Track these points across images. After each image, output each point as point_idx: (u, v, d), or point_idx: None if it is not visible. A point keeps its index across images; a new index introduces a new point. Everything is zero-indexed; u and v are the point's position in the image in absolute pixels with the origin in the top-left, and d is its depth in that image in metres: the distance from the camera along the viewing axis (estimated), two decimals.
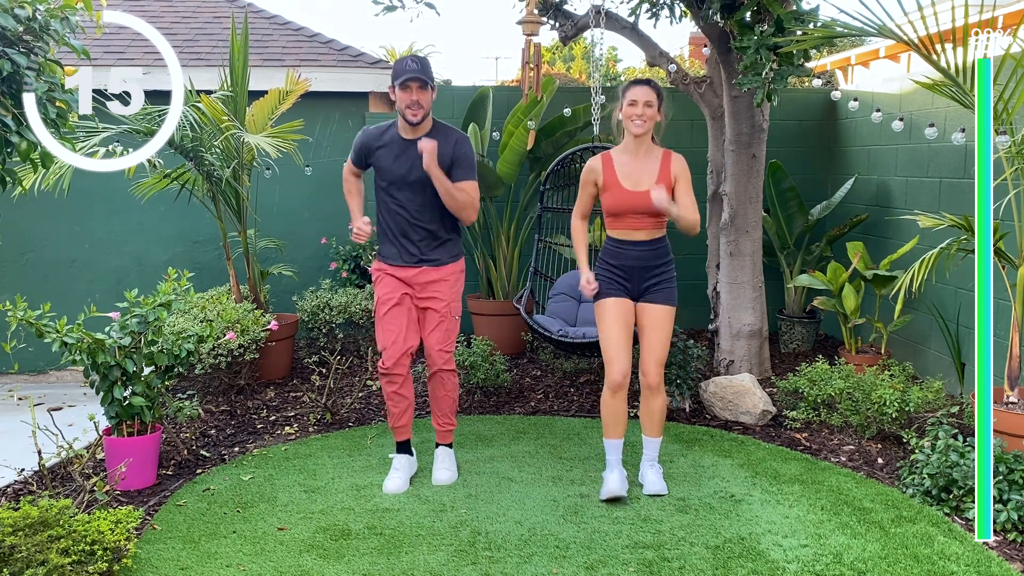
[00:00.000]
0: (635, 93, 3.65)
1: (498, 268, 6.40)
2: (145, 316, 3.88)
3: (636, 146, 3.71)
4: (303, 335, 6.34)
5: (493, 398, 5.23)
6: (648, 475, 3.81)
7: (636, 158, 3.72)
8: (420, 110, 3.74)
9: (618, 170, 3.70)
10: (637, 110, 3.64)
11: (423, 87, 3.72)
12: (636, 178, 3.68)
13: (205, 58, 6.86)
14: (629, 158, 3.72)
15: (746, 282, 5.42)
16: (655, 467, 3.84)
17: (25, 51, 2.84)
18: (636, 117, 3.64)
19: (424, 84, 3.72)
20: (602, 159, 3.76)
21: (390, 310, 3.89)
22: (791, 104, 6.77)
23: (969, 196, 4.78)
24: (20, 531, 2.85)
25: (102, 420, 4.06)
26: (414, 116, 3.75)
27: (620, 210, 3.70)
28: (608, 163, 3.73)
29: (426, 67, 3.76)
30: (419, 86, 3.72)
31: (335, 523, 3.49)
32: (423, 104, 3.74)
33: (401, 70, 3.73)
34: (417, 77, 3.70)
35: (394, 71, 3.77)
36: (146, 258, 6.81)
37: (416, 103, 3.73)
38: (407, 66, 3.73)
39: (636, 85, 3.68)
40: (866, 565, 3.10)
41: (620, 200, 3.69)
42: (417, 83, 3.71)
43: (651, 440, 3.84)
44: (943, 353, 5.19)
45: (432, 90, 3.78)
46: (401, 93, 3.73)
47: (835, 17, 4.18)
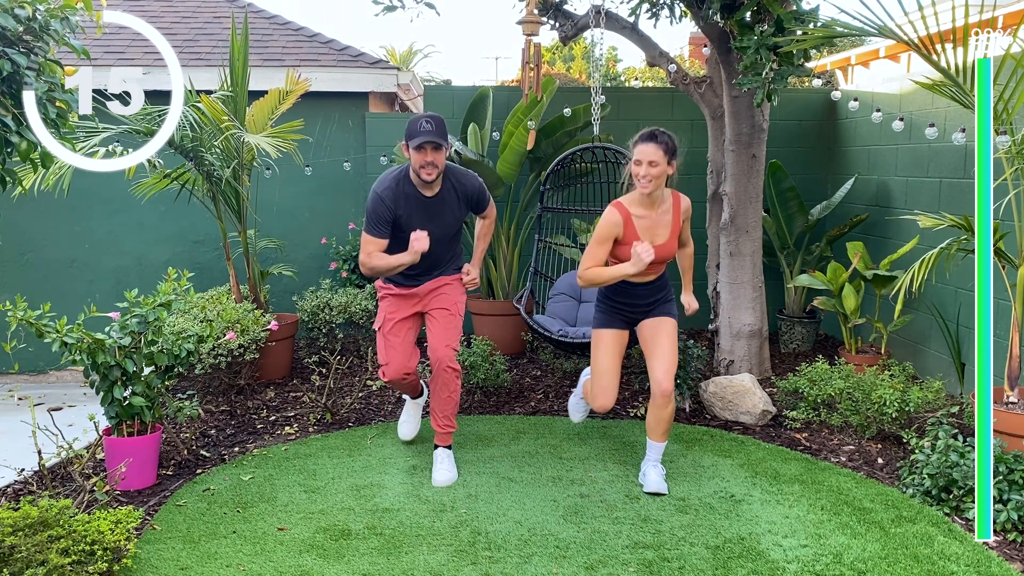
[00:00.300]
0: (641, 152, 3.61)
1: (498, 268, 6.40)
2: (145, 316, 3.88)
3: (650, 201, 3.72)
4: (303, 335, 6.34)
5: (493, 398, 5.22)
6: (650, 474, 3.83)
7: (651, 212, 3.73)
8: (434, 170, 3.77)
9: (637, 225, 3.71)
10: (642, 170, 3.62)
11: (437, 149, 3.73)
12: (653, 233, 3.72)
13: (205, 58, 6.86)
14: (644, 212, 3.72)
15: (746, 282, 5.42)
16: (657, 467, 3.86)
17: (25, 51, 2.84)
18: (642, 177, 3.63)
19: (438, 146, 3.72)
20: (621, 215, 3.69)
21: (395, 326, 4.03)
22: (791, 104, 6.77)
23: (969, 196, 4.78)
24: (20, 531, 2.85)
25: (102, 420, 4.06)
26: (428, 176, 3.77)
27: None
28: (628, 220, 3.70)
29: (441, 128, 3.74)
30: (433, 148, 3.72)
31: (335, 523, 3.49)
32: (437, 164, 3.76)
33: (415, 131, 3.71)
34: (432, 141, 3.70)
35: (408, 130, 3.76)
36: (146, 258, 6.81)
37: (431, 164, 3.75)
38: (421, 127, 3.70)
39: (642, 142, 3.64)
40: (866, 565, 3.10)
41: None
42: (432, 145, 3.72)
43: (656, 444, 3.86)
44: (943, 353, 5.19)
45: (446, 149, 3.79)
46: (415, 154, 3.74)
47: (835, 17, 4.19)
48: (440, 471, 3.95)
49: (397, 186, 3.85)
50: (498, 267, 6.40)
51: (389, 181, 3.86)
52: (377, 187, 3.86)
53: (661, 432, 3.82)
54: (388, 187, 3.84)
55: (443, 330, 3.98)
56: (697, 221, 6.24)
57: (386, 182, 3.86)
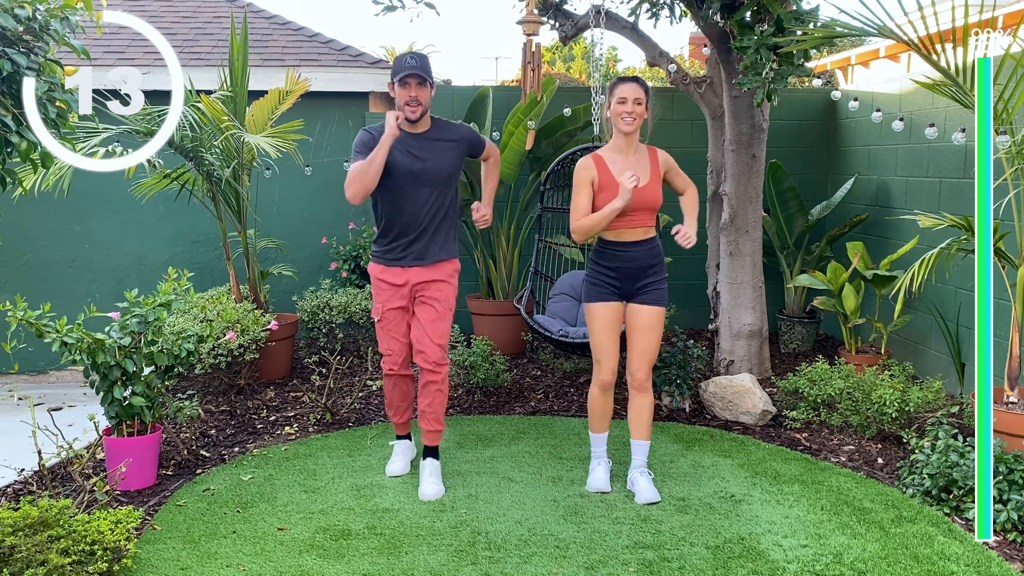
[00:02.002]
0: (624, 90, 3.65)
1: (498, 268, 6.40)
2: (145, 316, 3.88)
3: (627, 144, 3.73)
4: (303, 335, 6.34)
5: (493, 398, 5.22)
6: (639, 483, 3.76)
7: (627, 156, 3.73)
8: (419, 106, 3.77)
9: (612, 167, 3.71)
10: (627, 107, 3.65)
11: (422, 83, 3.76)
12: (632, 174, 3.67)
13: (205, 58, 6.86)
14: (621, 157, 3.74)
15: (746, 282, 5.42)
16: (646, 474, 3.79)
17: (25, 51, 2.84)
18: (626, 115, 3.66)
19: (423, 80, 3.75)
20: (594, 159, 3.74)
21: (392, 317, 3.96)
22: (791, 104, 6.77)
23: (969, 196, 4.78)
24: (20, 531, 2.85)
25: (102, 420, 4.06)
26: (413, 112, 3.77)
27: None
28: (601, 163, 3.73)
29: (425, 64, 3.79)
30: (418, 82, 3.74)
31: (335, 523, 3.49)
32: (422, 100, 3.77)
33: (400, 67, 3.76)
34: (416, 73, 3.72)
35: (393, 67, 3.80)
36: (146, 258, 6.81)
37: (415, 99, 3.75)
38: (406, 63, 3.76)
39: (625, 83, 3.68)
40: (866, 565, 3.10)
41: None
42: (416, 79, 3.73)
43: (640, 444, 3.81)
44: (943, 353, 5.19)
45: (431, 87, 3.80)
46: (400, 89, 3.76)
47: (835, 17, 4.19)
48: (427, 485, 3.82)
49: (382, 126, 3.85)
50: (498, 267, 6.40)
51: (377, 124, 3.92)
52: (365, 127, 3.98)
53: (643, 428, 3.78)
54: (373, 125, 3.93)
55: (430, 327, 3.90)
56: (697, 221, 6.25)
57: (374, 124, 3.97)
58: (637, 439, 3.82)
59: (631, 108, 3.64)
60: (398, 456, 4.11)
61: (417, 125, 3.83)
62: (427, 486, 3.82)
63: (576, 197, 3.74)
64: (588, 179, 3.71)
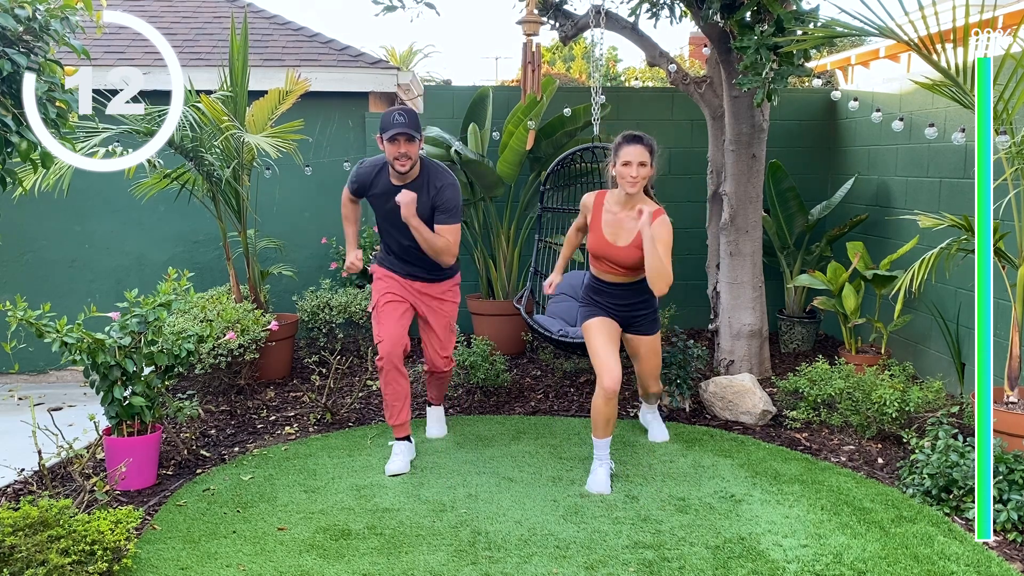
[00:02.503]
0: (628, 153, 3.68)
1: (498, 268, 6.40)
2: (145, 316, 3.88)
3: (627, 200, 3.80)
4: (303, 335, 6.34)
5: (493, 398, 5.22)
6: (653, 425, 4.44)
7: (622, 212, 3.80)
8: (408, 161, 3.91)
9: (604, 217, 3.83)
10: (631, 171, 3.69)
11: (410, 140, 3.87)
12: (617, 232, 3.81)
13: (205, 58, 6.86)
14: (618, 210, 3.82)
15: (746, 282, 5.42)
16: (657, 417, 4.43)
17: (25, 51, 2.84)
18: (630, 178, 3.70)
19: (411, 138, 3.87)
20: (596, 198, 3.89)
21: (389, 303, 4.12)
22: (791, 104, 6.77)
23: (969, 196, 4.78)
24: (20, 531, 2.85)
25: (102, 420, 4.06)
26: (402, 167, 3.93)
27: (596, 254, 3.89)
28: (599, 207, 3.86)
29: (413, 120, 3.90)
30: (406, 139, 3.87)
31: (335, 523, 3.49)
32: (411, 155, 3.91)
33: (388, 123, 3.87)
34: (404, 132, 3.84)
35: (381, 123, 3.92)
36: (146, 258, 6.81)
37: (404, 155, 3.90)
38: (394, 119, 3.86)
39: (629, 144, 3.71)
40: (866, 565, 3.10)
41: (597, 246, 3.86)
42: (404, 136, 3.86)
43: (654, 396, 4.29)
44: (943, 353, 5.19)
45: (419, 141, 3.93)
46: (389, 146, 3.89)
47: (835, 17, 4.19)
48: (433, 425, 4.45)
49: (379, 166, 4.11)
50: (498, 267, 6.40)
51: (376, 159, 4.15)
52: (365, 159, 4.22)
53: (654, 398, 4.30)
54: (373, 161, 4.15)
55: (439, 342, 4.28)
56: (697, 221, 6.25)
57: (373, 159, 4.17)
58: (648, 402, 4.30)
59: (635, 172, 3.68)
60: (398, 455, 4.11)
61: (405, 177, 3.99)
62: (432, 427, 4.32)
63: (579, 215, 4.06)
64: (583, 211, 3.97)
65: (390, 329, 4.04)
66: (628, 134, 3.75)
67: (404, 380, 4.09)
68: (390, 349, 4.01)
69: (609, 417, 3.82)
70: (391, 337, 4.02)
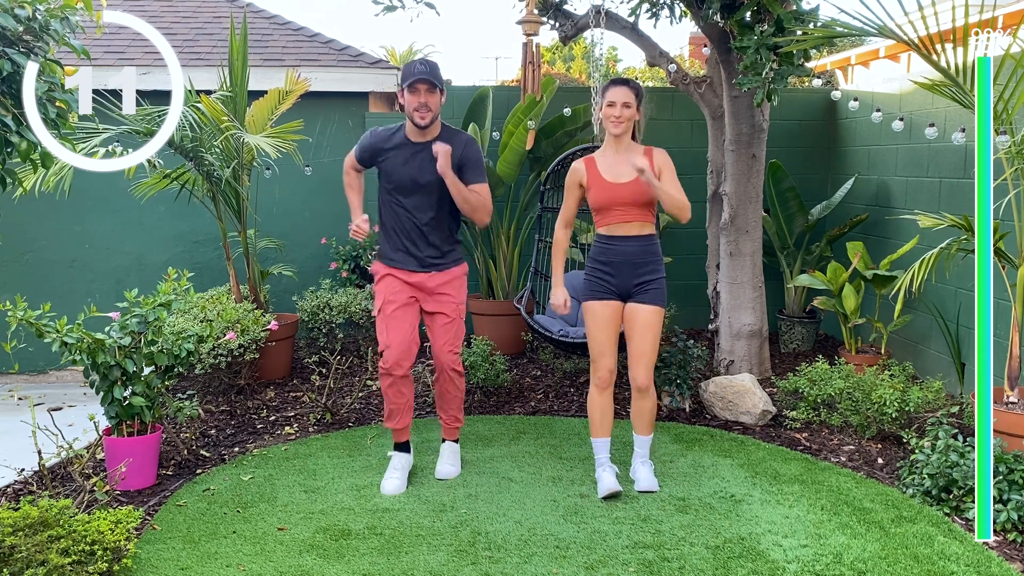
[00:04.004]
0: (613, 94, 3.70)
1: (498, 268, 6.40)
2: (145, 316, 3.88)
3: (616, 144, 3.79)
4: (303, 335, 6.34)
5: (493, 398, 5.22)
6: (640, 472, 3.84)
7: (617, 154, 3.78)
8: (428, 112, 3.74)
9: (600, 166, 3.78)
10: (615, 111, 3.69)
11: (431, 89, 3.73)
12: (617, 171, 3.75)
13: (205, 58, 6.86)
14: (611, 154, 3.79)
15: (746, 282, 5.42)
16: (647, 464, 3.88)
17: (25, 51, 2.84)
18: (614, 118, 3.70)
19: (433, 86, 3.73)
20: (584, 161, 3.84)
21: (396, 309, 3.86)
22: (791, 104, 6.77)
23: (969, 196, 4.78)
24: (20, 531, 2.85)
25: (102, 420, 4.06)
26: (422, 119, 3.75)
27: (605, 203, 3.75)
28: (591, 163, 3.82)
29: (435, 70, 3.77)
30: (427, 88, 3.72)
31: (335, 523, 3.49)
32: (431, 107, 3.75)
33: (409, 72, 3.75)
34: (426, 79, 3.70)
35: (402, 73, 3.79)
36: (146, 258, 6.81)
37: (424, 105, 3.73)
38: (415, 68, 3.74)
39: (614, 85, 3.72)
40: (866, 565, 3.10)
41: (603, 193, 3.74)
42: (426, 85, 3.71)
43: (642, 438, 3.88)
44: (943, 353, 5.19)
45: (441, 93, 3.79)
46: (409, 96, 3.74)
47: (835, 17, 4.19)
48: (444, 465, 4.00)
49: (390, 130, 3.94)
50: (498, 267, 6.40)
51: (389, 126, 3.97)
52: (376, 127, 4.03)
53: (645, 425, 3.84)
54: (383, 128, 3.97)
55: (445, 335, 3.94)
56: (697, 221, 6.24)
57: (385, 126, 3.98)
58: (639, 434, 3.87)
59: (619, 112, 3.69)
60: (395, 471, 3.90)
61: (425, 132, 3.81)
62: (444, 465, 3.99)
63: (564, 200, 3.89)
64: (576, 182, 3.83)
65: (398, 335, 3.81)
66: (614, 78, 3.78)
67: (410, 390, 3.93)
68: (398, 358, 3.81)
69: (605, 412, 3.80)
70: (399, 344, 3.80)
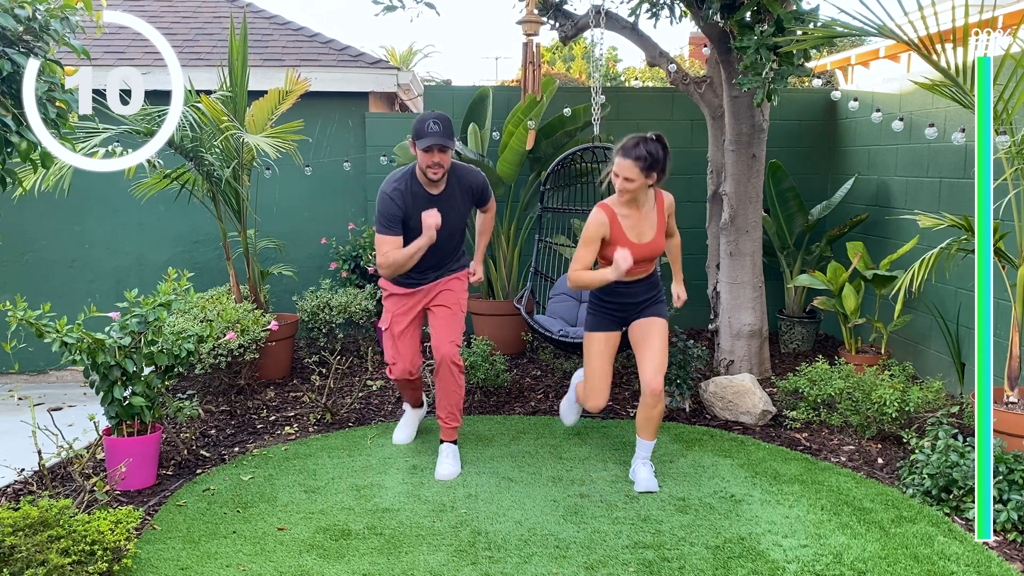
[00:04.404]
0: (617, 166, 3.65)
1: (498, 268, 6.40)
2: (145, 316, 3.88)
3: (633, 202, 3.76)
4: (303, 335, 6.34)
5: (493, 398, 5.22)
6: (640, 472, 3.86)
7: (636, 211, 3.78)
8: (440, 170, 3.86)
9: (623, 224, 3.76)
10: (618, 183, 3.69)
11: (444, 150, 3.82)
12: (639, 230, 3.77)
13: (205, 58, 6.86)
14: (629, 211, 3.77)
15: (746, 282, 5.42)
16: (647, 464, 3.89)
17: (25, 51, 2.84)
18: (617, 187, 3.70)
19: (445, 148, 3.81)
20: (608, 215, 3.74)
21: (403, 330, 4.13)
22: (791, 104, 6.77)
23: (969, 196, 4.78)
24: (20, 531, 2.85)
25: (102, 420, 4.06)
26: (435, 175, 3.87)
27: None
28: (614, 219, 3.75)
29: (447, 127, 3.82)
30: (440, 149, 3.81)
31: (335, 523, 3.49)
32: (444, 165, 3.85)
33: (423, 132, 3.79)
34: (440, 144, 3.78)
35: (415, 130, 3.83)
36: (146, 258, 6.81)
37: (438, 164, 3.83)
38: (429, 128, 3.77)
39: (621, 156, 3.64)
40: (866, 565, 3.10)
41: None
42: (439, 147, 3.80)
43: (646, 443, 3.89)
44: (943, 353, 5.19)
45: (452, 149, 3.88)
46: (423, 155, 3.82)
47: (835, 17, 4.19)
48: (444, 465, 4.03)
49: (404, 185, 3.93)
50: (498, 267, 6.40)
51: (396, 181, 3.95)
52: (385, 187, 3.95)
53: (651, 431, 3.86)
54: (395, 187, 3.93)
55: (446, 326, 4.07)
56: (697, 221, 6.25)
57: (392, 182, 3.95)
58: (644, 439, 3.88)
59: (621, 184, 3.67)
60: (407, 422, 4.31)
61: (437, 185, 3.93)
62: (443, 466, 4.03)
63: (582, 248, 3.78)
64: (599, 236, 3.75)
65: (406, 353, 4.15)
66: (627, 142, 3.64)
67: (418, 388, 4.37)
68: (406, 368, 4.17)
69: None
70: (405, 359, 4.15)
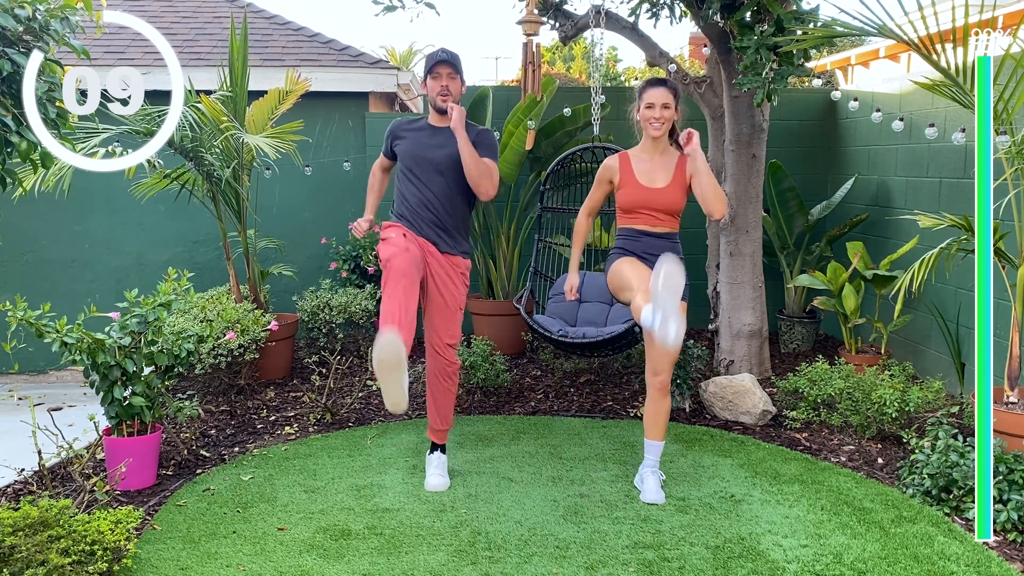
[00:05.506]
0: (652, 95, 3.65)
1: (498, 268, 6.40)
2: (145, 316, 3.88)
3: (653, 147, 3.76)
4: (303, 335, 6.34)
5: (493, 398, 5.22)
6: (648, 482, 3.75)
7: (653, 157, 3.77)
8: (449, 96, 3.86)
9: (635, 168, 3.76)
10: (655, 112, 3.66)
11: (453, 74, 3.86)
12: (652, 175, 3.73)
13: (205, 58, 6.86)
14: (647, 157, 3.77)
15: (746, 282, 5.42)
16: (656, 473, 3.79)
17: (25, 51, 2.84)
18: (654, 120, 3.66)
19: (454, 70, 3.85)
20: (619, 158, 3.81)
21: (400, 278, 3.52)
22: (791, 104, 6.77)
23: (969, 196, 4.78)
24: (20, 531, 2.85)
25: (102, 420, 4.06)
26: (443, 101, 3.84)
27: (635, 206, 3.75)
28: (625, 162, 3.79)
29: (456, 57, 3.89)
30: (449, 72, 3.85)
31: (335, 523, 3.49)
32: (452, 91, 3.87)
33: (431, 58, 3.88)
34: (447, 62, 3.83)
35: (425, 62, 3.92)
36: (146, 258, 6.81)
37: (445, 88, 3.85)
38: (438, 55, 3.87)
39: (653, 87, 3.68)
40: (866, 565, 3.10)
41: (636, 195, 3.73)
42: (447, 68, 3.84)
43: (654, 444, 3.78)
44: (943, 353, 5.19)
45: (461, 83, 3.91)
46: (431, 81, 3.87)
47: (835, 17, 4.18)
48: (433, 476, 3.89)
49: (411, 119, 4.10)
50: (498, 267, 6.40)
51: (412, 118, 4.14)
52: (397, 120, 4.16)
53: (659, 429, 3.74)
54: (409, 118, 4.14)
55: (443, 325, 3.92)
56: (697, 221, 6.25)
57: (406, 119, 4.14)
58: (651, 439, 3.79)
59: (659, 113, 3.65)
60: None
61: (445, 118, 3.90)
62: (433, 477, 3.89)
63: (592, 189, 3.92)
64: (607, 178, 3.83)
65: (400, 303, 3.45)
66: (651, 78, 3.75)
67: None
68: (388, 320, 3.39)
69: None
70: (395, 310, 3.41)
